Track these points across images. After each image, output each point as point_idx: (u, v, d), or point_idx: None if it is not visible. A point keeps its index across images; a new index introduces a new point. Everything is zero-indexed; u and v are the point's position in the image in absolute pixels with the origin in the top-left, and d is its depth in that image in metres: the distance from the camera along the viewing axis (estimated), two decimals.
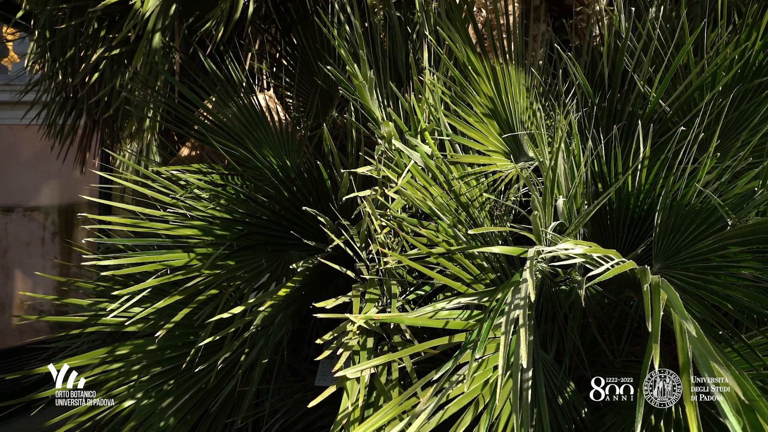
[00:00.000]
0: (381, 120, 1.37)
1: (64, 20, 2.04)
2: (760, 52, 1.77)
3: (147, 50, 1.94)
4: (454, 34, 1.55)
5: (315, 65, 2.24)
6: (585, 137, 1.72)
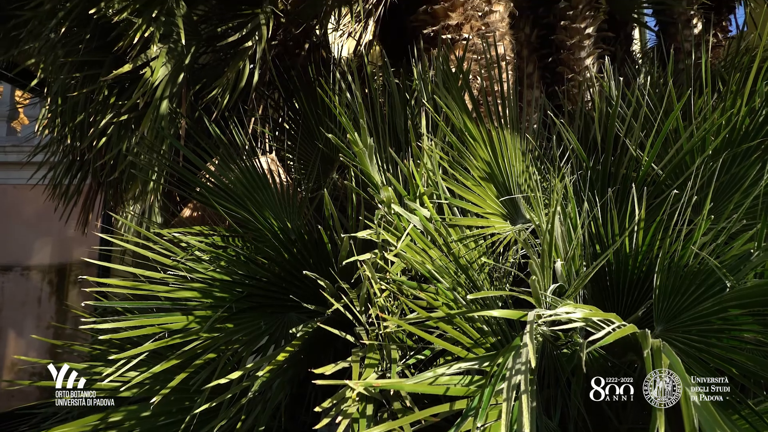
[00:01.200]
0: (380, 185, 1.41)
1: (76, 88, 2.13)
2: (746, 117, 1.84)
3: (154, 116, 2.00)
4: (450, 102, 1.61)
5: (316, 129, 2.31)
6: (581, 199, 1.75)
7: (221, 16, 2.66)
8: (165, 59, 2.02)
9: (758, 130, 1.82)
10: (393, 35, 2.97)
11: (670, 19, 3.16)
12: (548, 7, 2.89)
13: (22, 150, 5.74)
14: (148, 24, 1.87)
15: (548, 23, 2.90)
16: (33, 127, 6.42)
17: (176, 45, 2.05)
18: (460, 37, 2.29)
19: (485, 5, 2.40)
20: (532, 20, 2.89)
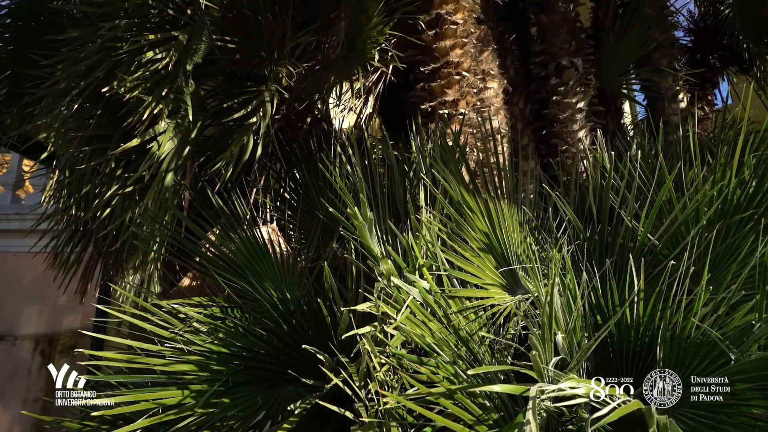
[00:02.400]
0: (380, 257, 1.42)
1: (84, 161, 2.19)
2: (737, 189, 1.88)
3: (159, 188, 2.05)
4: (448, 176, 1.66)
5: (317, 200, 2.36)
6: (579, 270, 1.76)
7: (227, 91, 2.77)
8: (172, 134, 2.09)
9: (749, 200, 1.86)
10: (392, 109, 3.09)
11: (657, 94, 3.30)
12: (540, 83, 3.03)
13: (25, 218, 5.79)
14: (157, 101, 1.95)
15: (541, 98, 3.03)
16: (37, 196, 6.52)
17: (183, 120, 2.13)
18: (456, 112, 2.39)
19: (480, 82, 2.52)
20: (525, 96, 3.03)
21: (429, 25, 2.46)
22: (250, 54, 2.57)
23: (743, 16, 3.59)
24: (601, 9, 3.34)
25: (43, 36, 2.66)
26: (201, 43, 2.25)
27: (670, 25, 3.51)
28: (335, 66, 2.47)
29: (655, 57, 3.34)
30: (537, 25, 3.14)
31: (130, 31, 2.07)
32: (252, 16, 2.46)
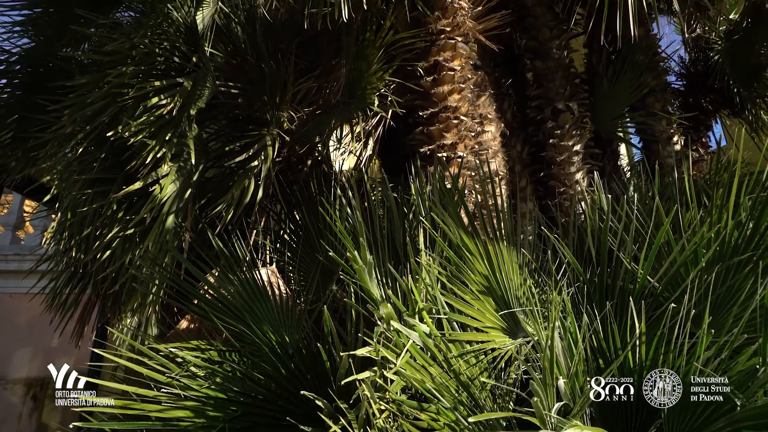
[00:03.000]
0: (380, 300, 1.42)
1: (86, 203, 2.21)
2: (734, 231, 1.89)
3: (160, 230, 2.06)
4: (447, 219, 1.67)
5: (317, 242, 2.37)
6: (580, 312, 1.75)
7: (229, 134, 2.83)
8: (174, 177, 2.12)
9: (747, 243, 1.87)
10: (391, 152, 3.14)
11: (652, 137, 3.36)
12: (537, 126, 3.09)
13: (24, 259, 5.78)
14: (161, 145, 1.99)
15: (538, 141, 3.08)
16: (37, 236, 6.52)
17: (186, 163, 2.16)
18: (455, 155, 2.43)
19: (477, 126, 2.57)
20: (522, 138, 3.08)
21: (427, 72, 2.54)
22: (252, 98, 2.64)
23: (732, 61, 3.69)
24: (594, 55, 3.44)
25: (51, 82, 2.73)
26: (205, 88, 2.31)
27: (662, 71, 3.60)
28: (336, 110, 2.53)
29: (648, 101, 3.41)
30: (532, 71, 3.22)
31: (136, 78, 2.13)
32: (255, 63, 2.53)
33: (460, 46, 2.56)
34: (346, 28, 2.36)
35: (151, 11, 2.39)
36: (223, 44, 2.76)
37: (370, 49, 2.37)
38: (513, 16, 3.10)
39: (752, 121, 3.86)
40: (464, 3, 2.60)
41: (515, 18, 3.16)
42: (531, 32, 3.18)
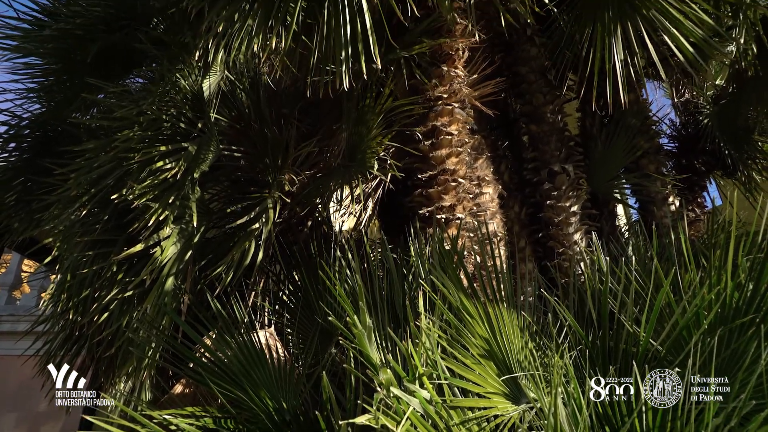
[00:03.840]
0: (379, 366, 1.40)
1: (86, 265, 2.21)
2: (734, 292, 1.89)
3: (159, 293, 2.05)
4: (447, 281, 1.68)
5: (316, 304, 2.35)
6: (583, 376, 1.72)
7: (231, 196, 2.87)
8: (176, 239, 2.14)
9: (748, 305, 1.86)
10: (391, 213, 3.18)
11: (648, 198, 3.41)
12: (534, 188, 3.15)
13: (18, 320, 5.71)
14: (164, 208, 2.02)
15: (536, 202, 3.13)
16: (33, 297, 6.47)
17: (187, 226, 2.19)
18: (453, 217, 2.46)
19: (475, 188, 2.62)
20: (520, 200, 3.13)
21: (425, 136, 2.61)
22: (255, 161, 2.70)
23: (720, 124, 3.81)
24: (588, 119, 3.55)
25: (59, 146, 2.80)
26: (209, 152, 2.37)
27: (654, 134, 3.70)
28: (336, 173, 2.58)
29: (642, 163, 3.49)
30: (528, 134, 3.32)
31: (142, 143, 2.19)
32: (258, 128, 2.62)
33: (457, 112, 2.65)
34: (346, 95, 2.46)
35: (160, 79, 2.49)
36: (228, 109, 2.86)
37: (370, 115, 2.45)
38: (507, 82, 3.23)
39: (745, 181, 3.93)
40: (460, 71, 2.71)
41: (510, 84, 3.29)
42: (525, 97, 3.30)
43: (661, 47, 2.59)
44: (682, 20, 2.37)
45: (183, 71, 2.42)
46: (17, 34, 2.94)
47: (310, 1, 2.14)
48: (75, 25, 2.73)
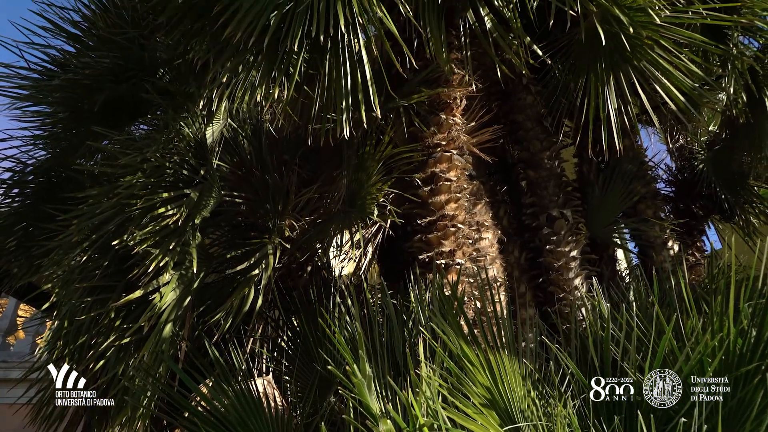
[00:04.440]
0: (379, 415, 1.37)
1: (84, 311, 2.20)
2: (738, 338, 1.87)
3: (156, 339, 2.03)
4: (447, 328, 1.67)
5: (315, 351, 2.32)
6: (587, 426, 1.68)
7: (231, 241, 2.88)
8: (175, 284, 2.14)
9: (753, 351, 1.84)
10: (391, 257, 3.18)
11: (647, 242, 3.42)
12: (533, 232, 3.16)
13: (12, 367, 5.60)
14: (164, 254, 2.02)
15: (535, 247, 3.13)
16: (27, 343, 6.37)
17: (187, 271, 2.19)
18: (453, 263, 2.46)
19: (475, 233, 2.64)
20: (520, 245, 3.14)
21: (425, 182, 2.65)
22: (255, 207, 2.72)
23: (715, 169, 3.86)
24: (585, 165, 3.60)
25: (62, 192, 2.83)
26: (210, 198, 2.40)
27: (651, 179, 3.75)
28: (336, 219, 2.60)
29: (640, 207, 3.52)
30: (526, 180, 3.36)
31: (145, 189, 2.22)
32: (260, 174, 2.65)
33: (456, 158, 2.69)
34: (347, 142, 2.50)
35: (164, 127, 2.54)
36: (230, 156, 2.91)
37: (370, 162, 2.50)
38: (505, 129, 3.29)
39: (743, 226, 3.95)
40: (458, 119, 2.78)
41: (507, 131, 3.36)
42: (522, 144, 3.36)
43: (654, 95, 2.66)
44: (672, 71, 2.45)
45: (187, 119, 2.47)
46: (27, 84, 3.03)
47: (312, 53, 2.21)
48: (84, 76, 2.81)
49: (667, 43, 2.44)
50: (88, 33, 3.11)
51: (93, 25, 3.12)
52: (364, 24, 2.06)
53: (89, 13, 3.13)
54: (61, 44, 3.12)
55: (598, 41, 2.42)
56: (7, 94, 2.97)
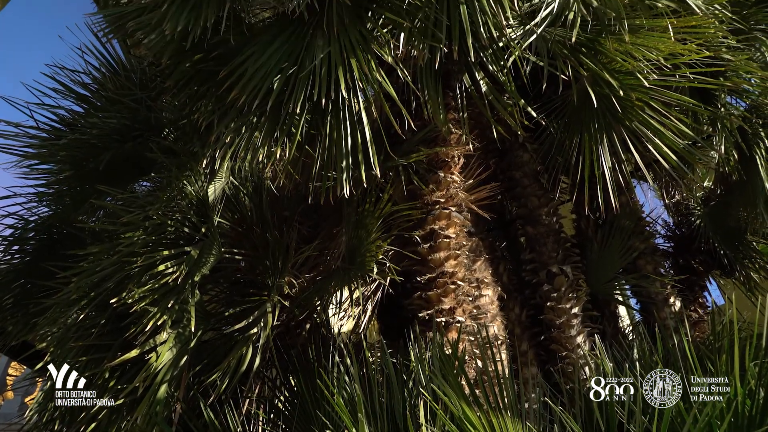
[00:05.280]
0: None
1: (78, 371, 2.15)
2: (746, 399, 1.83)
3: (151, 401, 1.98)
4: (448, 390, 1.63)
5: (313, 412, 2.26)
6: None
7: (230, 298, 2.86)
8: (172, 343, 2.11)
9: (762, 413, 1.79)
10: (390, 314, 3.15)
11: (648, 299, 3.40)
12: (534, 289, 3.15)
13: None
14: (162, 312, 2.01)
15: (536, 304, 3.11)
16: (16, 403, 6.19)
17: (185, 330, 2.16)
18: (453, 320, 2.44)
19: (475, 290, 2.63)
20: (520, 301, 3.12)
21: (424, 239, 2.66)
22: (255, 263, 2.73)
23: (713, 225, 3.88)
24: (583, 221, 3.63)
25: (62, 249, 2.83)
26: (210, 255, 2.40)
27: (649, 234, 3.77)
28: (336, 276, 2.60)
29: (640, 263, 3.52)
30: (525, 236, 3.37)
31: (146, 247, 2.23)
32: (260, 231, 2.67)
33: (455, 215, 2.72)
34: (347, 200, 2.54)
35: (167, 185, 2.58)
36: (231, 212, 2.94)
37: (370, 219, 2.52)
38: (502, 186, 3.34)
39: (744, 282, 3.93)
40: (456, 177, 2.83)
41: (505, 188, 3.41)
42: (520, 200, 3.40)
43: (646, 153, 2.72)
44: (663, 130, 2.52)
45: (190, 178, 2.52)
46: (35, 143, 3.09)
47: (314, 114, 2.28)
48: (91, 136, 2.88)
49: (657, 104, 2.52)
50: (97, 94, 3.21)
51: (102, 86, 3.23)
52: (363, 87, 2.14)
53: (99, 76, 3.25)
54: (70, 104, 3.22)
55: (590, 102, 2.51)
56: (14, 152, 3.03)
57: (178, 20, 2.12)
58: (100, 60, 3.23)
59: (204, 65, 2.35)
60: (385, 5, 2.12)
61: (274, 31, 2.24)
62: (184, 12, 2.15)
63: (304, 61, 2.11)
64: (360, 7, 2.13)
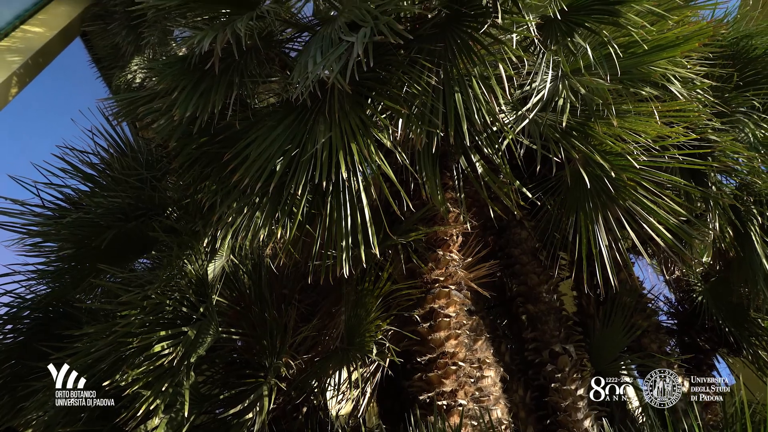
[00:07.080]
0: None
1: None
2: None
3: None
4: None
5: None
6: None
7: (225, 380, 2.78)
8: (164, 429, 2.03)
9: None
10: (390, 396, 3.05)
11: None
12: (537, 369, 3.07)
13: None
14: (156, 396, 1.95)
15: (540, 385, 3.02)
16: None
17: (177, 414, 2.09)
18: (455, 404, 2.36)
19: (476, 371, 2.56)
20: (524, 382, 3.03)
21: (423, 318, 2.63)
22: (252, 343, 2.68)
23: (715, 301, 3.84)
24: (584, 298, 3.60)
25: (57, 328, 2.79)
26: (208, 336, 2.37)
27: (651, 311, 3.72)
28: (334, 357, 2.55)
29: (644, 342, 3.45)
30: (525, 314, 3.33)
31: (143, 327, 2.20)
32: (258, 310, 2.65)
33: (454, 294, 2.71)
34: (346, 279, 2.54)
35: (167, 263, 2.59)
36: (229, 290, 2.92)
37: (369, 298, 2.51)
38: (502, 263, 3.34)
39: (753, 360, 3.83)
40: (455, 255, 2.84)
41: (504, 265, 3.41)
42: (520, 278, 3.39)
43: (641, 231, 2.75)
44: (656, 209, 2.56)
45: (191, 256, 2.53)
46: (40, 221, 3.13)
47: (315, 195, 2.34)
48: (95, 215, 2.93)
49: (649, 184, 2.58)
50: (104, 174, 3.29)
51: (109, 166, 3.31)
52: (363, 170, 2.21)
53: (107, 156, 3.34)
54: (76, 184, 3.28)
55: (583, 182, 2.57)
56: (17, 230, 3.06)
57: (188, 106, 2.22)
58: (109, 141, 3.34)
59: (209, 147, 2.44)
60: (383, 93, 2.23)
61: (278, 117, 2.34)
62: (194, 98, 2.26)
63: (307, 144, 2.19)
64: (360, 95, 2.24)
